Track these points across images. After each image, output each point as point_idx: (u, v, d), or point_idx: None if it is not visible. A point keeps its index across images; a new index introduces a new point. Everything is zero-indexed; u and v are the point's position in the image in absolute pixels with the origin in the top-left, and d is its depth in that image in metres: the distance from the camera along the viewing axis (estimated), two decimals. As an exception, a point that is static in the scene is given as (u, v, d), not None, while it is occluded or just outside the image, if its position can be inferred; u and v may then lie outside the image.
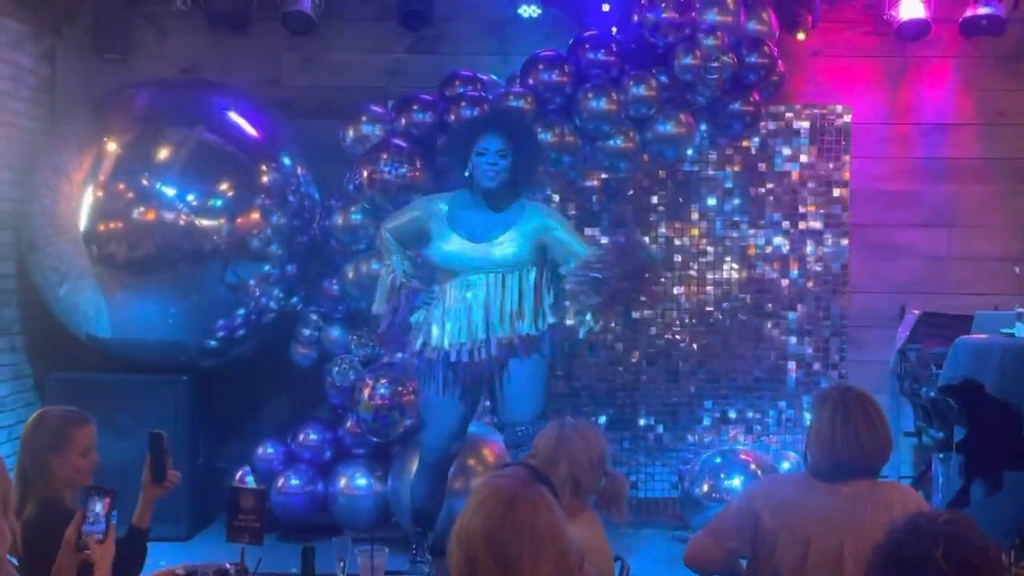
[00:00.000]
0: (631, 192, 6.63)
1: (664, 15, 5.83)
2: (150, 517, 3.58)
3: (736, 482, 5.96)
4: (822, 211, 6.65)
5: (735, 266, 6.65)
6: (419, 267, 5.29)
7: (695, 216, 6.67)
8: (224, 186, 5.90)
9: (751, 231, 6.66)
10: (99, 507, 2.83)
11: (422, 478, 5.23)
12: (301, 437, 6.02)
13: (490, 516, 2.16)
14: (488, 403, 5.42)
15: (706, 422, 6.64)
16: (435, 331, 5.02)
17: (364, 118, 6.09)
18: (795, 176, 6.66)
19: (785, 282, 6.65)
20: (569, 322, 5.12)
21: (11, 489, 2.82)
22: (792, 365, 6.65)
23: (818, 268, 6.66)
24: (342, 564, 3.65)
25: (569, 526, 2.24)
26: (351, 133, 6.09)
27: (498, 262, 4.97)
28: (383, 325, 5.32)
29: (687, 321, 6.65)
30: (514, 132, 5.08)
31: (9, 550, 2.76)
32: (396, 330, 5.29)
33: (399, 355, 5.58)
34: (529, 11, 6.56)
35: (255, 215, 5.93)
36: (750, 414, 6.64)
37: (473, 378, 5.03)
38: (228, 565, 3.57)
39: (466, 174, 5.05)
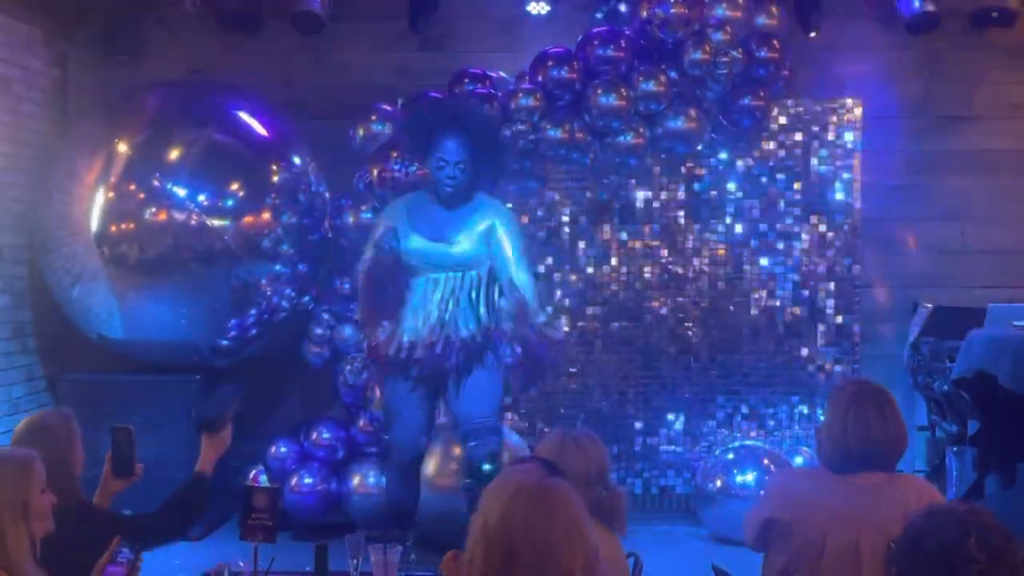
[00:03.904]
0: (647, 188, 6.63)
1: (673, 10, 5.83)
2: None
3: (749, 477, 5.96)
4: (833, 205, 6.63)
5: (747, 261, 6.63)
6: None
7: (707, 211, 6.65)
8: (235, 186, 5.91)
9: (762, 225, 6.65)
10: (130, 554, 2.91)
11: (396, 478, 5.24)
12: (314, 436, 6.03)
13: (524, 509, 2.17)
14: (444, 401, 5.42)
15: (719, 417, 6.63)
16: (399, 328, 5.06)
17: (374, 117, 6.11)
18: (806, 169, 6.64)
19: (797, 276, 6.63)
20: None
21: (33, 495, 2.85)
22: (805, 360, 6.63)
23: (830, 262, 6.63)
24: (355, 562, 3.65)
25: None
26: (361, 132, 6.11)
27: (457, 261, 5.02)
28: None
29: (699, 316, 6.64)
30: (474, 134, 5.08)
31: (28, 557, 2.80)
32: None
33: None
34: (538, 8, 6.56)
35: (266, 215, 5.95)
36: (763, 409, 6.63)
37: (433, 373, 5.05)
38: (242, 564, 3.58)
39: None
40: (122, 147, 5.89)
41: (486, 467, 4.91)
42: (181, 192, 5.80)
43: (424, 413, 5.20)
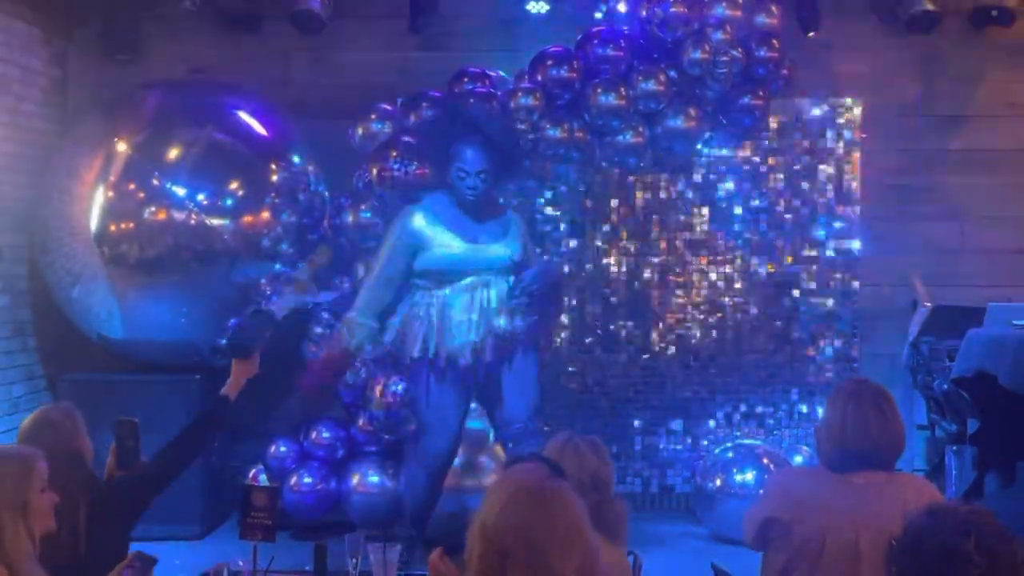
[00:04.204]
0: (645, 186, 6.65)
1: (672, 9, 5.82)
2: None
3: (748, 476, 5.96)
4: (833, 204, 6.63)
5: (747, 260, 6.64)
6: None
7: (706, 210, 6.66)
8: (234, 185, 5.92)
9: (761, 224, 6.65)
10: (140, 561, 2.97)
11: (424, 483, 5.22)
12: (314, 435, 6.03)
13: (522, 510, 2.16)
14: (480, 405, 5.44)
15: (719, 416, 6.64)
16: (435, 335, 5.05)
17: (373, 116, 6.10)
18: (806, 169, 6.65)
19: (797, 276, 6.64)
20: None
21: (33, 494, 2.86)
22: (804, 359, 6.64)
23: (830, 262, 6.64)
24: (354, 561, 3.65)
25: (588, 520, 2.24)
26: (360, 131, 6.10)
27: (497, 263, 5.02)
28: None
29: (699, 316, 6.65)
30: (495, 143, 5.09)
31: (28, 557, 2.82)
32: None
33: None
34: (537, 7, 6.56)
35: (265, 214, 5.95)
36: (762, 408, 6.63)
37: (471, 379, 5.08)
38: (241, 563, 3.58)
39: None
40: (122, 146, 5.89)
41: None
42: (181, 191, 5.80)
43: (458, 420, 5.20)
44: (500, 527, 2.15)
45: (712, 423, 6.64)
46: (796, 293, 6.65)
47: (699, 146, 6.35)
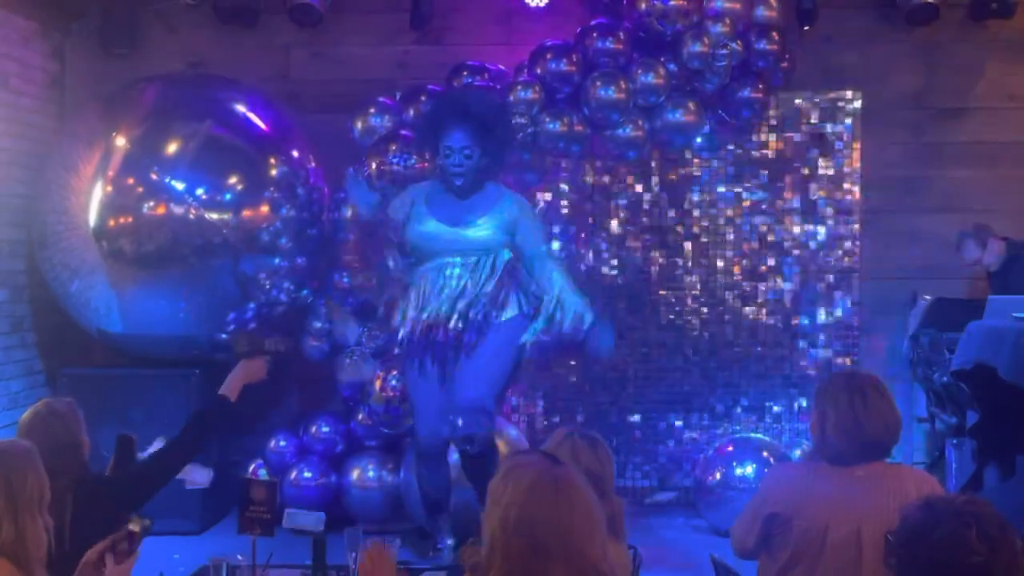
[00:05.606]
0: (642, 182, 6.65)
1: (672, 2, 5.82)
2: None
3: (748, 470, 5.96)
4: (833, 197, 6.63)
5: (747, 254, 6.63)
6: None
7: (705, 204, 6.65)
8: (233, 180, 5.91)
9: (762, 218, 6.65)
10: (136, 527, 2.90)
11: (424, 466, 5.20)
12: (313, 430, 6.03)
13: (547, 501, 2.17)
14: None
15: (718, 410, 6.63)
16: (411, 314, 5.05)
17: (372, 110, 6.10)
18: (806, 162, 6.64)
19: (797, 269, 6.63)
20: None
21: (47, 488, 2.85)
22: (804, 353, 6.64)
23: (830, 255, 6.64)
24: (353, 555, 3.64)
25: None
26: (359, 125, 6.10)
27: (472, 245, 5.00)
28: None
29: (698, 309, 6.64)
30: (480, 121, 5.07)
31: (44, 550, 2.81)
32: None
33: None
34: (536, 0, 6.54)
35: (264, 208, 5.94)
36: (762, 402, 6.63)
37: (450, 355, 5.02)
38: (240, 557, 3.58)
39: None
40: (120, 141, 5.88)
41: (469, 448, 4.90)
42: (179, 186, 5.79)
43: (441, 397, 5.09)
44: (526, 520, 2.15)
45: (712, 417, 6.63)
46: (796, 286, 6.64)
47: (698, 139, 6.35)
